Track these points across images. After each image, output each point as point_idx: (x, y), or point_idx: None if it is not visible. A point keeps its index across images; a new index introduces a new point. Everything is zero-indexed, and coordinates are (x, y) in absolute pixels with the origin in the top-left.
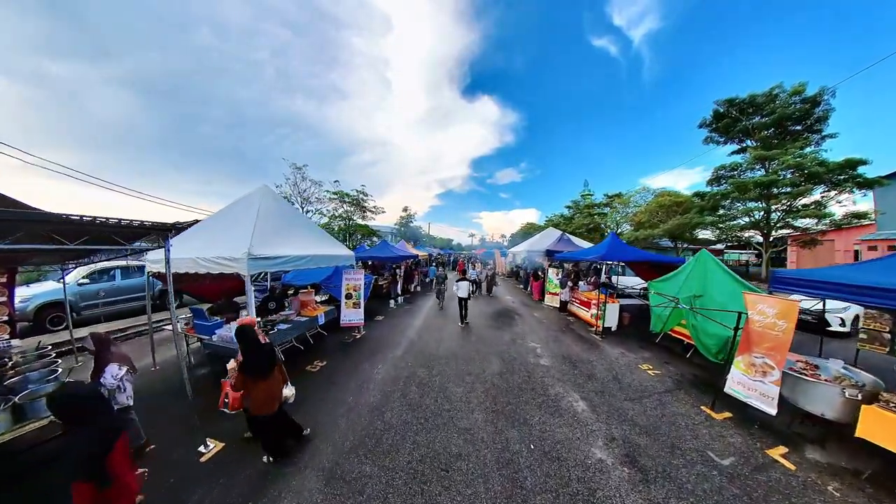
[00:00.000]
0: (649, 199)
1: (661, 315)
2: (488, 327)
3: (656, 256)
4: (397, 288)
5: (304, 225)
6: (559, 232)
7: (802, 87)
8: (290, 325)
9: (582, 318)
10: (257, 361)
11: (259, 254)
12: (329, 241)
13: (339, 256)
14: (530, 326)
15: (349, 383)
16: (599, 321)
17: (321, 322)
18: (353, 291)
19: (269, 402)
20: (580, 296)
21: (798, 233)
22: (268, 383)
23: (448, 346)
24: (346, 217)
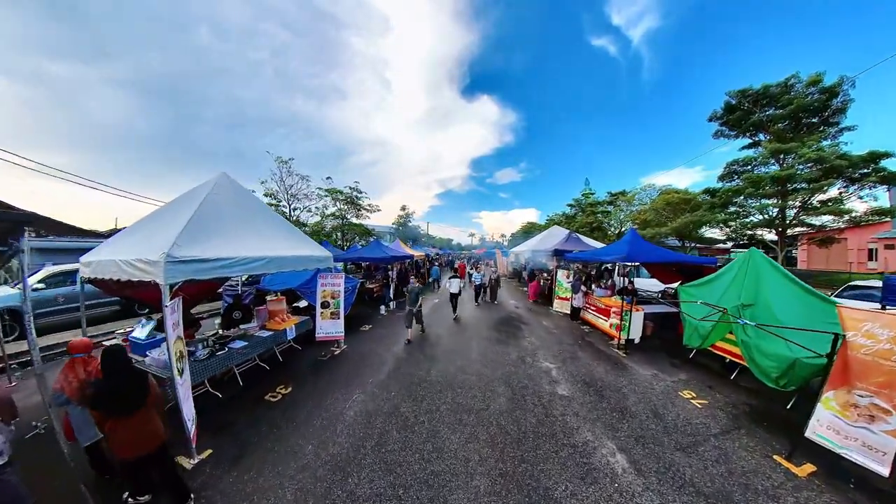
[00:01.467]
0: (654, 196)
1: (699, 327)
2: (491, 341)
3: (685, 257)
4: (390, 292)
5: (267, 221)
6: (565, 230)
7: (820, 76)
8: (246, 342)
9: (598, 328)
10: (117, 393)
11: (184, 256)
12: (300, 239)
13: (312, 258)
14: (540, 339)
15: (312, 421)
16: (621, 332)
17: (291, 336)
18: (332, 299)
19: (143, 440)
20: (596, 302)
21: (813, 230)
22: (137, 419)
23: (443, 366)
24: (340, 216)
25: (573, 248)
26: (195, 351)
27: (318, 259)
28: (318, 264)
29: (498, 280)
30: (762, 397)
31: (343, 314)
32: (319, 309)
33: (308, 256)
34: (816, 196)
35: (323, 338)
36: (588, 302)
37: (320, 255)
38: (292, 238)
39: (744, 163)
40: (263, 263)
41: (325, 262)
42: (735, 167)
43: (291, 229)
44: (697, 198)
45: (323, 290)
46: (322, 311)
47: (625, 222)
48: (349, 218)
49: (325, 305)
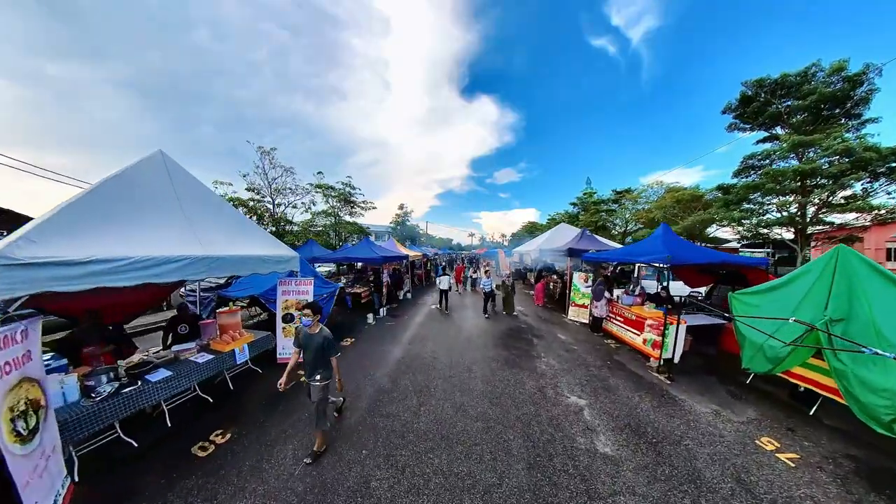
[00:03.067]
0: (662, 194)
1: (766, 348)
2: (499, 362)
3: (734, 257)
4: (380, 297)
5: (210, 212)
6: (574, 228)
7: (844, 64)
8: (171, 372)
9: (627, 344)
10: None
11: (33, 257)
12: (253, 236)
13: (266, 259)
14: (559, 358)
15: (244, 496)
16: (658, 351)
17: (242, 359)
18: (298, 311)
19: None
20: (624, 312)
21: (832, 228)
22: None
23: (437, 403)
24: (333, 213)
25: (588, 247)
26: (95, 385)
27: (278, 260)
28: (275, 267)
29: (513, 286)
30: (869, 447)
31: None
32: (281, 323)
33: (259, 257)
34: (841, 192)
35: (285, 360)
36: (613, 311)
37: (279, 256)
38: (245, 234)
39: (762, 157)
40: (181, 266)
41: (286, 264)
42: (752, 161)
43: (243, 224)
44: (705, 195)
45: (285, 300)
46: (285, 327)
47: (630, 221)
48: (342, 216)
49: (288, 319)
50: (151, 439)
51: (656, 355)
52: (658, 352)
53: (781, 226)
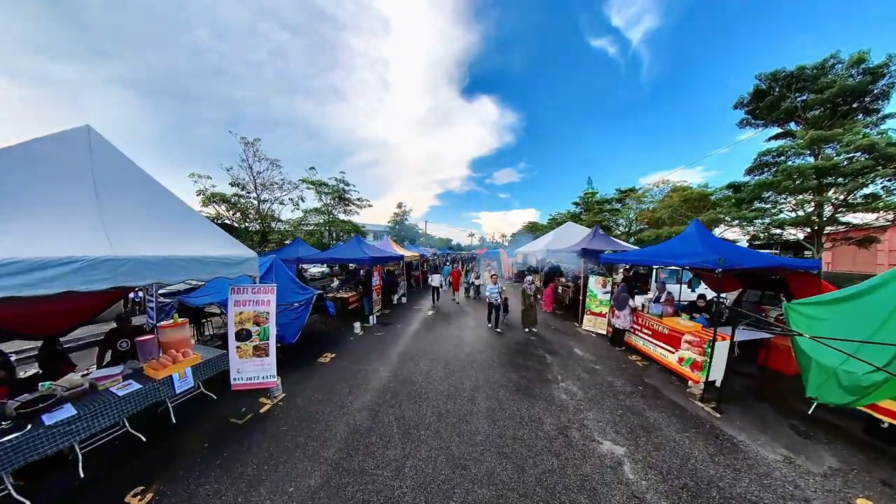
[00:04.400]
0: (667, 193)
1: (838, 373)
2: (507, 389)
3: (786, 260)
4: (370, 302)
5: (142, 202)
6: (579, 226)
7: (864, 55)
8: (76, 411)
9: (656, 361)
10: None
11: None
12: (197, 232)
13: (207, 261)
14: (580, 382)
15: None
16: (699, 373)
17: (184, 386)
18: (255, 325)
19: None
20: (652, 323)
21: (848, 228)
22: None
23: (428, 454)
24: (327, 211)
25: (603, 247)
26: None
27: (225, 262)
28: (223, 271)
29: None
30: None
31: (273, 349)
32: (234, 342)
33: (197, 258)
34: (861, 190)
35: (241, 386)
36: (638, 322)
37: (227, 257)
38: (188, 231)
39: (777, 153)
40: (68, 272)
41: (239, 267)
42: (766, 158)
43: (188, 218)
44: (714, 194)
45: (239, 312)
46: (239, 346)
47: (633, 222)
48: (336, 214)
49: (243, 336)
50: (55, 496)
51: (697, 378)
52: (699, 374)
53: (796, 225)
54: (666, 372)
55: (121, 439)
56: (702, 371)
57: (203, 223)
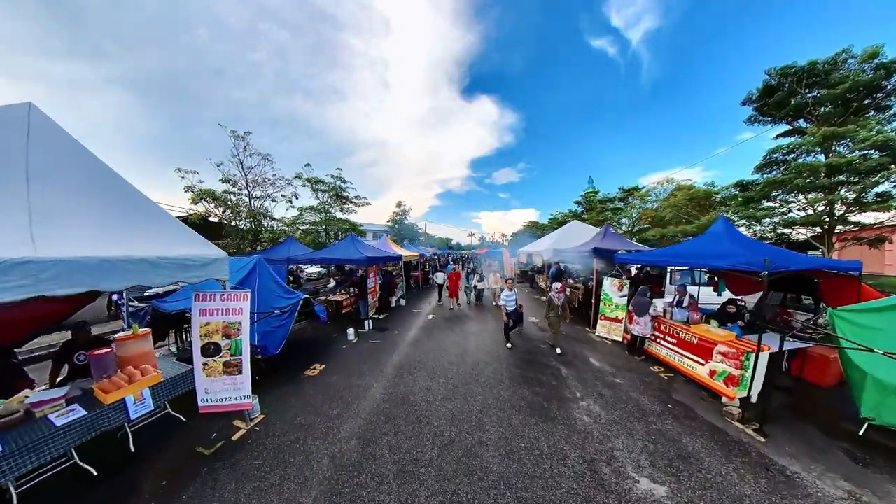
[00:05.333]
0: (671, 192)
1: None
2: (519, 410)
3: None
4: (366, 305)
5: (89, 192)
6: (586, 225)
7: (878, 49)
8: None
9: (682, 373)
10: None
11: None
12: (154, 228)
13: (161, 262)
14: (602, 400)
15: None
16: (734, 388)
17: (139, 412)
18: (227, 338)
19: None
20: (676, 331)
21: (859, 228)
22: None
23: (429, 500)
24: (323, 210)
25: (615, 246)
26: None
27: (184, 263)
28: (181, 274)
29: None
30: None
31: (247, 365)
32: (200, 357)
33: (146, 260)
34: (875, 188)
35: (210, 409)
36: (660, 329)
37: (186, 258)
38: (146, 227)
39: (787, 150)
40: None
41: (202, 270)
42: (776, 156)
43: (146, 212)
44: (720, 192)
45: (205, 323)
46: (206, 362)
47: (636, 221)
48: (333, 212)
49: (210, 351)
50: None
51: (732, 394)
52: (734, 390)
53: (807, 225)
54: (693, 385)
55: (69, 472)
56: (738, 386)
57: (163, 218)
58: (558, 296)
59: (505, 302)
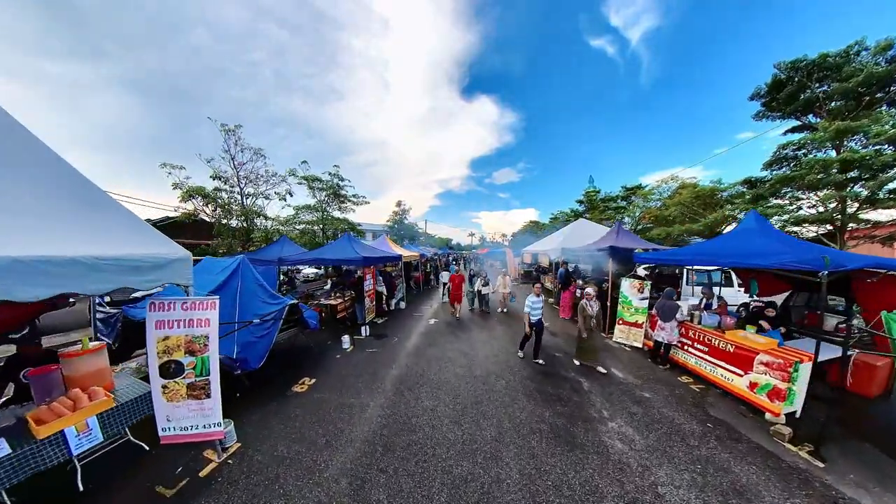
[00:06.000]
0: (675, 190)
1: None
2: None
3: (882, 260)
4: (363, 310)
5: (19, 180)
6: (593, 224)
7: (892, 42)
8: None
9: (717, 385)
10: None
11: None
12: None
13: (101, 265)
14: (632, 420)
15: None
16: (779, 403)
17: (82, 447)
18: (191, 355)
19: None
20: (706, 337)
21: (871, 225)
22: None
23: None
24: (320, 208)
25: (631, 244)
26: None
27: (132, 264)
28: (133, 278)
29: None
30: None
31: (216, 387)
32: (159, 379)
33: (78, 260)
34: (888, 184)
35: (173, 439)
36: (687, 335)
37: (137, 259)
38: (84, 220)
39: (797, 146)
40: None
41: (158, 274)
42: (786, 151)
43: (92, 205)
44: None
45: (163, 338)
46: (166, 384)
47: (639, 220)
48: (331, 211)
49: (170, 371)
50: None
51: (776, 410)
52: (779, 405)
53: (819, 223)
54: (729, 398)
55: None
56: (784, 401)
57: (109, 208)
58: (591, 303)
59: (531, 309)
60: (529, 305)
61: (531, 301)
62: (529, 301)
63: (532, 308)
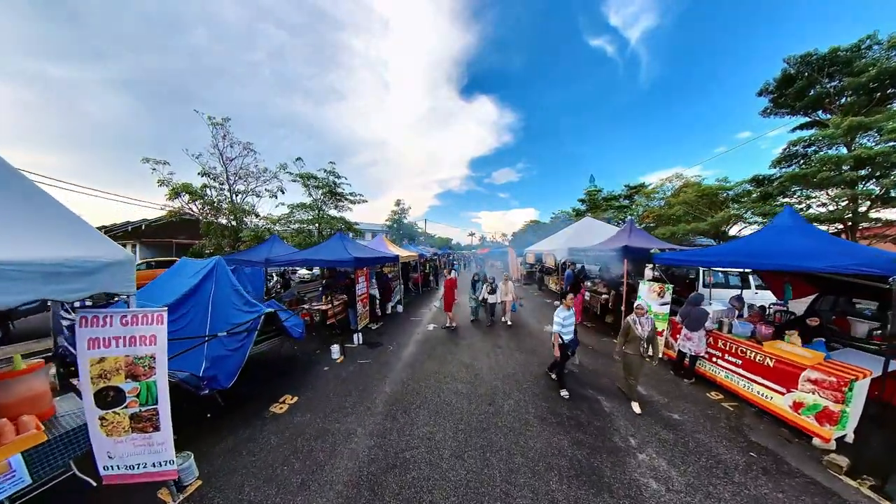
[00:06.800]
0: (678, 188)
1: None
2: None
3: None
4: (356, 316)
5: None
6: (601, 222)
7: None
8: None
9: (752, 402)
10: None
11: None
12: (24, 218)
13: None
14: (664, 448)
15: None
16: (830, 427)
17: (3, 492)
18: (133, 379)
19: None
20: (743, 350)
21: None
22: None
23: None
24: (316, 207)
25: (645, 244)
26: None
27: (51, 269)
28: (49, 286)
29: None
30: None
31: (166, 417)
32: (94, 409)
33: None
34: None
35: (117, 479)
36: (715, 345)
37: (54, 262)
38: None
39: (808, 143)
40: None
41: (85, 281)
42: (797, 148)
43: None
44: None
45: (98, 360)
46: (104, 416)
47: (642, 219)
48: (326, 210)
49: (109, 399)
50: None
51: (828, 436)
52: (830, 429)
53: (829, 222)
54: (767, 418)
55: None
56: (837, 425)
57: (36, 202)
58: (642, 321)
59: (561, 327)
60: (559, 322)
61: (562, 316)
62: (560, 316)
63: (563, 325)
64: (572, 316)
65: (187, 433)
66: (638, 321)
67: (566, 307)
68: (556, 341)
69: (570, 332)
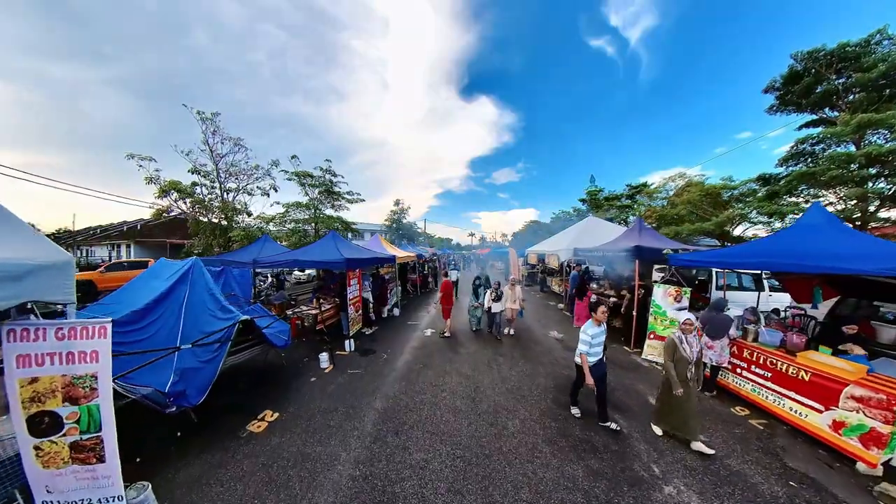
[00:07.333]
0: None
1: None
2: None
3: None
4: (348, 321)
5: None
6: (606, 222)
7: None
8: None
9: (783, 419)
10: None
11: None
12: None
13: None
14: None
15: None
16: (878, 451)
17: None
18: (72, 403)
19: None
20: (773, 361)
21: (890, 224)
22: None
23: None
24: (312, 206)
25: (655, 244)
26: None
27: None
28: None
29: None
30: None
31: (112, 447)
32: (27, 437)
33: None
34: None
35: None
36: (740, 356)
37: None
38: None
39: (816, 140)
40: None
41: (9, 287)
42: (804, 146)
43: None
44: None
45: (30, 381)
46: (39, 445)
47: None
48: (323, 209)
49: (44, 426)
50: None
51: (875, 461)
52: (878, 453)
53: None
54: (802, 438)
55: None
56: (885, 448)
57: None
58: (692, 342)
59: (590, 347)
60: (587, 342)
61: (591, 333)
62: (590, 333)
63: (592, 345)
64: (603, 333)
65: (153, 455)
66: (685, 340)
67: (596, 323)
68: (585, 364)
69: (598, 353)
